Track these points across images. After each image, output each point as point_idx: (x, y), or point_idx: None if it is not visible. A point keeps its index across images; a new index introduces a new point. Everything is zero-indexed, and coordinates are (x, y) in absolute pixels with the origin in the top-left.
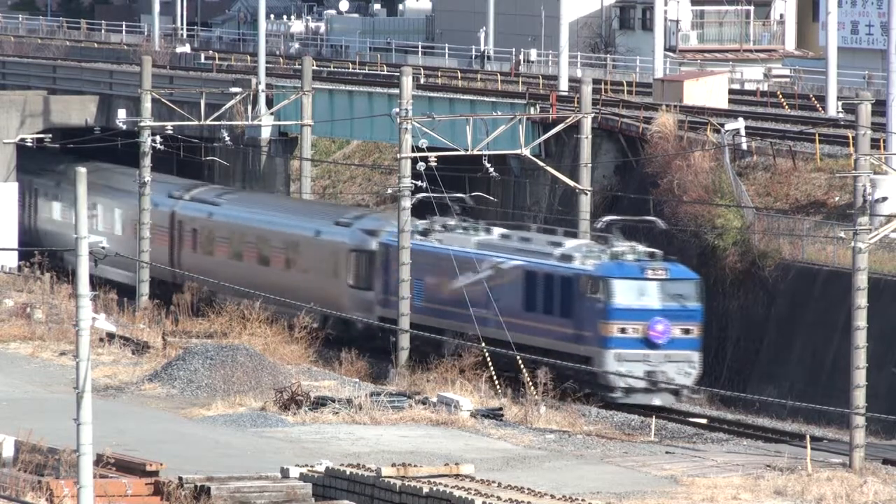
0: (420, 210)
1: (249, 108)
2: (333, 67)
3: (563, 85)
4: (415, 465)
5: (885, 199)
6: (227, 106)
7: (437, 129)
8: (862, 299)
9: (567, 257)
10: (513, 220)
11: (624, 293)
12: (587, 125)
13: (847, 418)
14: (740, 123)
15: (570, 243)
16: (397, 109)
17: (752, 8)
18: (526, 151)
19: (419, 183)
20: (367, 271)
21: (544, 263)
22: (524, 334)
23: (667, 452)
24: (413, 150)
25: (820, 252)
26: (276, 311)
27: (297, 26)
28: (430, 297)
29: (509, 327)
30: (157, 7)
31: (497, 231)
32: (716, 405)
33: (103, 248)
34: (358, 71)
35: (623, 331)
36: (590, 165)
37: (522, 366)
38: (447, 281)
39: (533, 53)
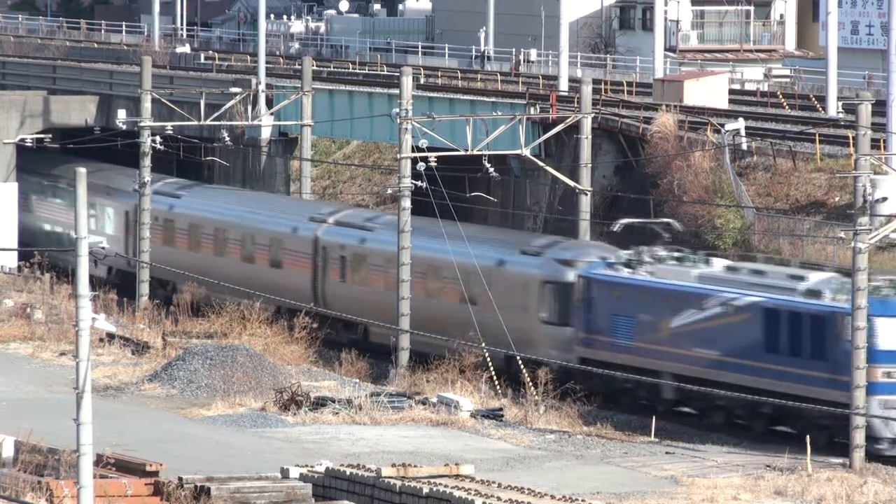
0: (419, 211)
1: (249, 108)
2: (333, 67)
3: (563, 85)
4: (415, 466)
5: (885, 199)
6: (227, 106)
7: (437, 129)
8: (862, 300)
9: (814, 293)
10: (512, 221)
11: (889, 333)
12: (587, 125)
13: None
14: (740, 123)
15: (814, 276)
16: (397, 109)
17: (752, 8)
18: (526, 152)
19: (419, 183)
20: (563, 306)
21: (788, 300)
22: (763, 378)
23: (667, 453)
24: (413, 151)
25: (820, 252)
26: (443, 347)
27: (297, 26)
28: (642, 337)
29: (745, 370)
30: (156, 7)
31: (719, 262)
32: None
33: (103, 248)
34: (358, 71)
35: (889, 375)
36: (590, 165)
37: (522, 365)
38: (664, 319)
39: (533, 53)
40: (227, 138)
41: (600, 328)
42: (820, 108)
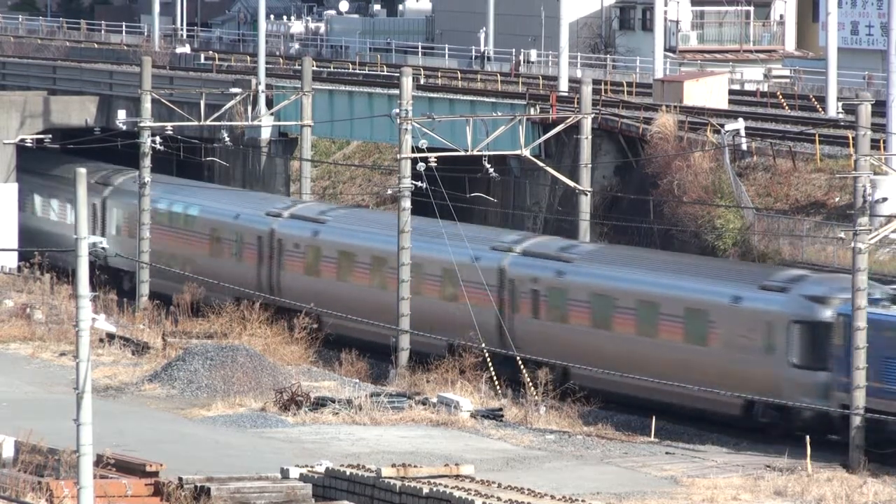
0: (419, 212)
1: (249, 108)
2: (333, 68)
3: (563, 85)
4: (415, 466)
5: (885, 199)
6: (227, 106)
7: (437, 129)
8: (862, 300)
9: None
10: (512, 221)
11: None
12: (587, 126)
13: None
14: (740, 124)
15: None
16: (397, 110)
17: (751, 8)
18: (526, 152)
19: (419, 183)
20: (817, 348)
21: None
22: None
23: (667, 453)
24: (413, 151)
25: (820, 253)
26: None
27: (296, 27)
28: None
29: None
30: (156, 7)
31: None
32: None
33: (103, 248)
34: (358, 71)
35: None
36: (590, 166)
37: (522, 366)
38: None
39: (533, 54)
40: (227, 139)
41: (868, 372)
42: (820, 109)
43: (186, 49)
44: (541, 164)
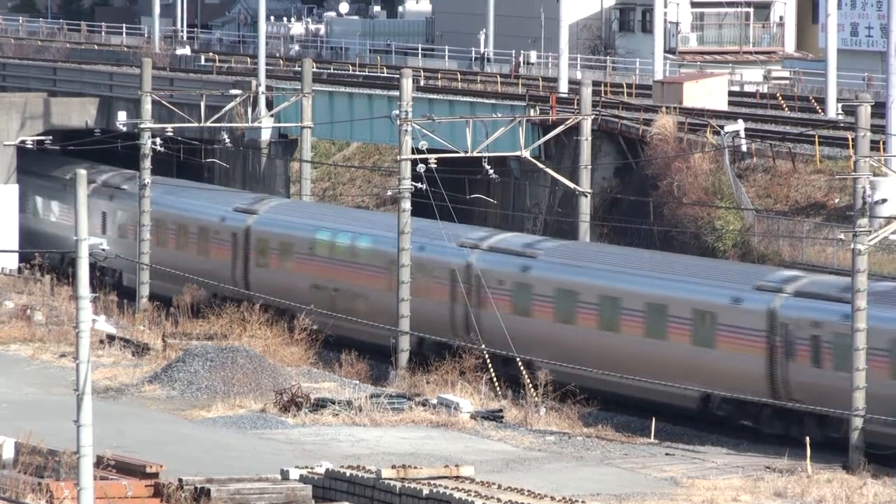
0: (418, 213)
1: (249, 109)
2: (333, 69)
3: (563, 87)
4: (415, 467)
5: (884, 200)
6: (228, 108)
7: (437, 130)
8: (861, 301)
9: None
10: (512, 223)
11: None
12: (587, 127)
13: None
14: (740, 125)
15: None
16: (397, 111)
17: (751, 10)
18: (526, 153)
19: (419, 185)
20: None
21: None
22: None
23: (666, 454)
24: (413, 152)
25: (820, 254)
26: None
27: (297, 28)
28: None
29: None
30: (157, 9)
31: None
32: None
33: (104, 249)
34: (358, 73)
35: None
36: (590, 167)
37: (522, 367)
38: None
39: (533, 55)
40: (228, 140)
41: None
42: (819, 110)
43: (187, 50)
44: (541, 165)
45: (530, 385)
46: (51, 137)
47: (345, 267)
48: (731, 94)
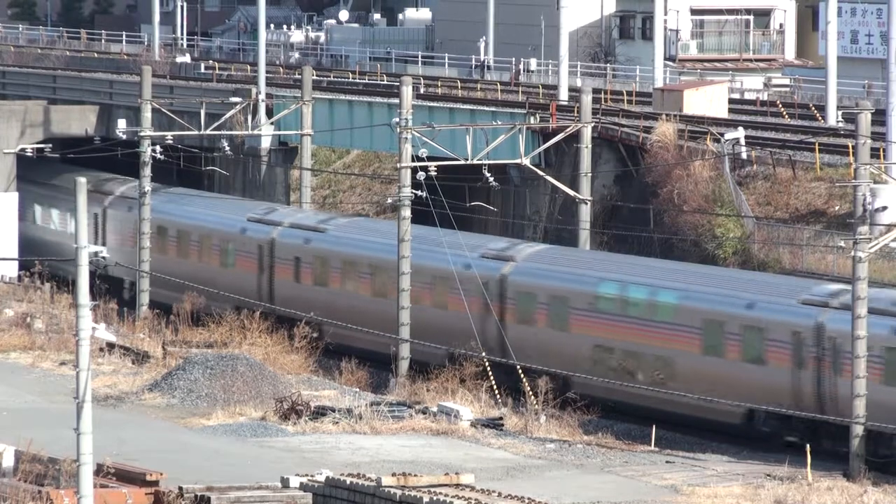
0: (417, 220)
1: (249, 117)
2: (333, 77)
3: (563, 94)
4: (415, 475)
5: (885, 208)
6: (227, 115)
7: (437, 138)
8: (862, 309)
9: None
10: (512, 230)
11: None
12: (587, 134)
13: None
14: (740, 133)
15: None
16: (397, 119)
17: (751, 17)
18: (526, 161)
19: (419, 193)
20: None
21: None
22: None
23: (667, 462)
24: (413, 160)
25: (820, 261)
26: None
27: (296, 36)
28: None
29: None
30: (157, 17)
31: None
32: None
33: (104, 258)
34: (358, 80)
35: None
36: (590, 175)
37: (522, 374)
38: None
39: (533, 63)
40: (227, 148)
41: None
42: (819, 118)
43: (186, 58)
44: (541, 172)
45: (531, 393)
46: (50, 145)
47: None
48: (731, 101)
